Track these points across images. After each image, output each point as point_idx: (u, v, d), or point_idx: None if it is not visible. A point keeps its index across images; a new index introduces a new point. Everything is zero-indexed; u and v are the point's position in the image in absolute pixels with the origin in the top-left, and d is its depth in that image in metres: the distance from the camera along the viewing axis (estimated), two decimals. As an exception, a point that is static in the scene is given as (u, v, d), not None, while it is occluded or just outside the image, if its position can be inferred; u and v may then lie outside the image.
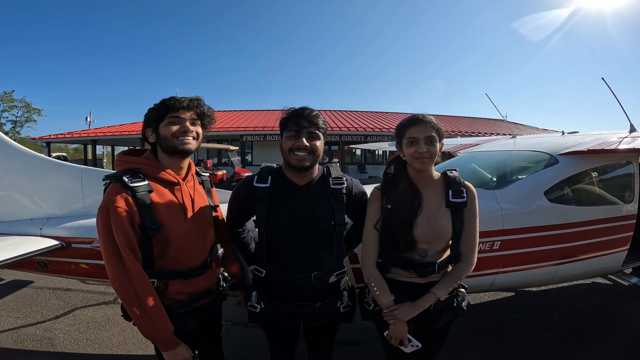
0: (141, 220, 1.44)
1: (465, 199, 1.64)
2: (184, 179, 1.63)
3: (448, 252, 1.69)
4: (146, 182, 1.48)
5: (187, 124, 1.54)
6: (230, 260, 1.91)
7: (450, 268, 1.70)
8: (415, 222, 1.61)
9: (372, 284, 1.68)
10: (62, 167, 2.58)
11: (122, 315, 1.61)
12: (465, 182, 1.69)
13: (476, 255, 1.67)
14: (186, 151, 1.55)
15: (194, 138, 1.57)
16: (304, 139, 1.56)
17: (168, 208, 1.52)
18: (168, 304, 1.54)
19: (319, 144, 1.60)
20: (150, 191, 1.48)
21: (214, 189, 1.87)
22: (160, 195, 1.52)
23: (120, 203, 1.41)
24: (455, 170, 1.73)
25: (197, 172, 1.77)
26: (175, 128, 1.51)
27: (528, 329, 3.29)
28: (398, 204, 1.64)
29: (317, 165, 1.70)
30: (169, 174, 1.56)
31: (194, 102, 1.56)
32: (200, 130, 1.61)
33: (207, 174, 1.84)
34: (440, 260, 1.66)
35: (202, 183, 1.76)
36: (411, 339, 1.65)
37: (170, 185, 1.57)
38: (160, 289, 1.53)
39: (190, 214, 1.60)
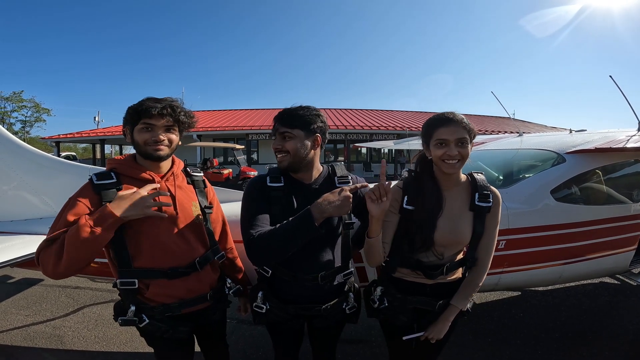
0: None
1: (490, 204, 1.59)
2: (162, 177, 1.60)
3: (461, 255, 1.68)
4: (114, 180, 1.48)
5: (160, 132, 1.51)
6: (232, 265, 1.90)
7: (460, 270, 1.69)
8: (436, 224, 1.58)
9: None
10: (71, 167, 2.61)
11: (113, 316, 1.59)
12: (491, 186, 1.64)
13: (490, 261, 1.65)
14: (158, 158, 1.54)
15: (166, 145, 1.54)
16: (277, 141, 1.60)
17: None
18: (152, 306, 1.52)
19: (293, 142, 1.58)
20: (119, 189, 1.47)
21: (211, 189, 1.84)
22: None
23: (85, 198, 1.43)
24: (481, 173, 1.67)
25: (186, 172, 1.74)
26: (147, 136, 1.50)
27: (533, 329, 3.27)
28: (420, 205, 1.59)
29: (315, 163, 1.69)
30: (143, 173, 1.55)
31: (168, 109, 1.50)
32: (175, 136, 1.58)
33: (201, 174, 1.80)
34: (450, 263, 1.64)
35: (192, 182, 1.73)
36: (417, 335, 1.67)
37: (146, 184, 1.53)
38: (141, 290, 1.52)
39: (167, 211, 1.54)
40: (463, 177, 1.66)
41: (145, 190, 1.44)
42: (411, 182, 1.65)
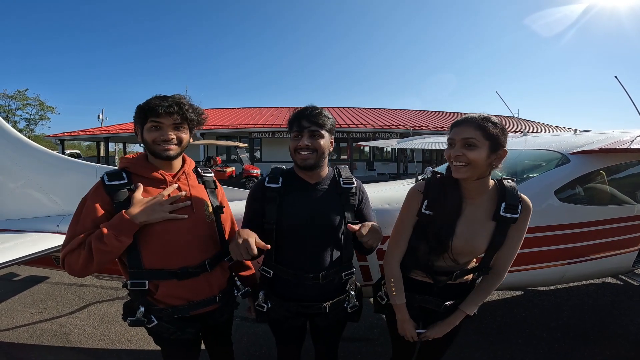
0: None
1: (517, 216, 1.47)
2: (174, 177, 1.60)
3: (474, 263, 1.66)
4: (126, 180, 1.49)
5: (169, 130, 1.50)
6: (242, 265, 1.90)
7: (471, 277, 1.67)
8: (455, 230, 1.51)
9: (392, 283, 1.65)
10: (77, 165, 2.64)
11: (122, 315, 1.60)
12: (523, 195, 1.51)
13: (507, 271, 1.58)
14: (167, 157, 1.53)
15: (175, 144, 1.53)
16: (304, 139, 1.59)
17: None
18: (161, 307, 1.53)
19: (323, 142, 1.61)
20: (130, 189, 1.48)
21: (221, 190, 1.84)
22: (145, 193, 1.50)
23: (98, 199, 1.44)
24: (512, 179, 1.56)
25: (197, 172, 1.74)
26: (155, 135, 1.49)
27: (535, 329, 3.27)
28: (439, 209, 1.52)
29: (326, 164, 1.72)
30: (155, 172, 1.55)
31: (174, 107, 1.48)
32: (184, 134, 1.56)
33: (212, 174, 1.80)
34: (460, 270, 1.61)
35: (203, 182, 1.72)
36: (420, 332, 1.69)
37: (159, 183, 1.55)
38: (151, 292, 1.52)
39: (179, 211, 1.54)
40: (491, 183, 1.54)
41: (162, 195, 1.48)
42: (434, 184, 1.57)
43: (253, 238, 1.39)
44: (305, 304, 1.68)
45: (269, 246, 1.43)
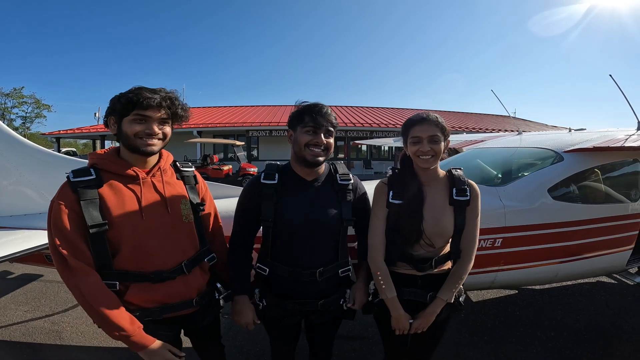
0: (83, 217, 1.33)
1: (468, 198, 1.67)
2: (148, 173, 1.48)
3: (448, 248, 1.72)
4: (93, 177, 1.37)
5: (154, 125, 1.40)
6: (225, 268, 1.76)
7: (449, 264, 1.73)
8: (423, 215, 1.65)
9: (380, 278, 1.68)
10: (70, 163, 2.62)
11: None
12: (469, 180, 1.72)
13: (475, 253, 1.70)
14: (148, 153, 1.43)
15: (160, 139, 1.44)
16: (322, 136, 1.58)
17: (121, 204, 1.39)
18: (131, 309, 1.40)
19: (332, 141, 1.64)
20: (98, 186, 1.37)
21: (203, 184, 1.73)
22: (115, 190, 1.40)
23: (63, 199, 1.34)
24: (460, 169, 1.76)
25: (176, 167, 1.63)
26: (139, 128, 1.38)
27: (529, 327, 3.28)
28: (404, 198, 1.67)
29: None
30: (128, 169, 1.43)
31: (166, 101, 1.40)
32: (168, 129, 1.46)
33: (192, 169, 1.68)
34: (438, 256, 1.69)
35: (182, 178, 1.61)
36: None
37: (130, 180, 1.44)
38: (121, 292, 1.40)
39: (153, 210, 1.44)
40: (442, 173, 1.75)
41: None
42: (395, 177, 1.75)
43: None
44: (301, 302, 1.67)
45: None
